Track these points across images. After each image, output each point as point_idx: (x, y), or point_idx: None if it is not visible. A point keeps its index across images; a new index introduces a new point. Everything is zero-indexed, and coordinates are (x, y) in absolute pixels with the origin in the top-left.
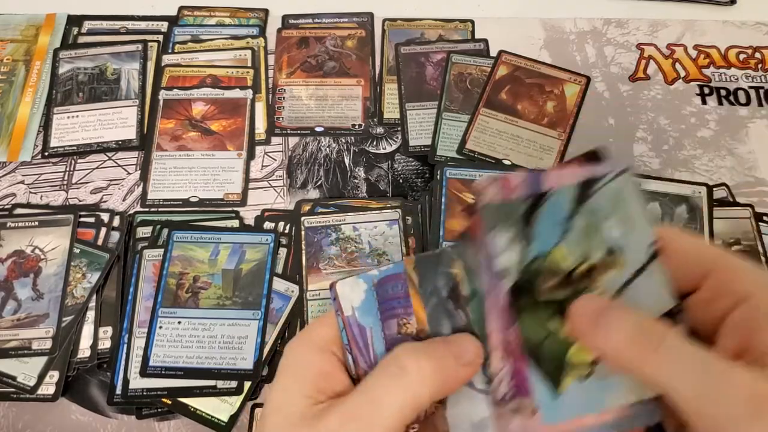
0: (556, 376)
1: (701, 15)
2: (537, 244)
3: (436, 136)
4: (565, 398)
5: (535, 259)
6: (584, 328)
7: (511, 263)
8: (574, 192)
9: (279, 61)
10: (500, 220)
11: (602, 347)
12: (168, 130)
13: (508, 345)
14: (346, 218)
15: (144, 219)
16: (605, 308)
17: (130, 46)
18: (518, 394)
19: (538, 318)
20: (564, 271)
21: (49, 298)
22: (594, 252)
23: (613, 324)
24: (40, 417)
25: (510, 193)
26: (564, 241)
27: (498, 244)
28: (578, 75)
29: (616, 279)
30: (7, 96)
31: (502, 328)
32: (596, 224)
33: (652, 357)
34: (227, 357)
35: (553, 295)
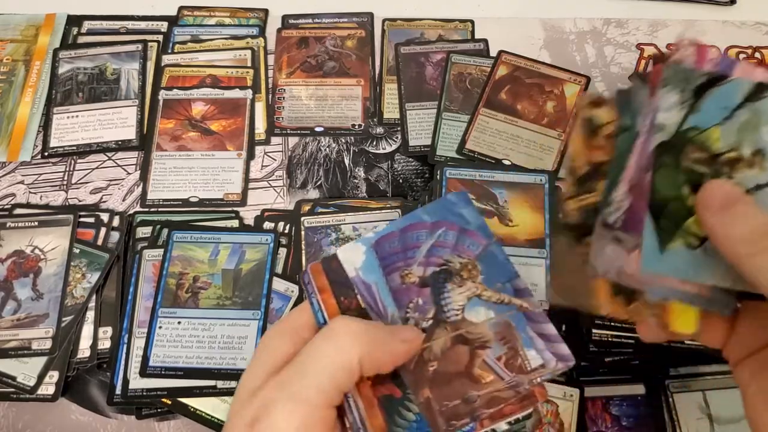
0: (668, 235)
1: (701, 15)
2: (699, 117)
3: (435, 136)
4: (667, 256)
5: (692, 128)
6: (712, 209)
7: (669, 122)
8: (750, 88)
9: (279, 61)
10: (676, 82)
11: (722, 232)
12: (168, 130)
13: (637, 184)
14: (345, 218)
15: (144, 219)
16: (738, 198)
17: (130, 46)
18: (626, 227)
19: (674, 179)
20: (713, 150)
21: (48, 298)
22: (744, 146)
23: (740, 215)
24: (40, 417)
25: (700, 63)
26: (723, 125)
27: (665, 101)
28: (578, 75)
29: (754, 178)
30: (7, 96)
31: (640, 167)
32: (756, 123)
33: (761, 255)
34: (227, 357)
35: (695, 166)
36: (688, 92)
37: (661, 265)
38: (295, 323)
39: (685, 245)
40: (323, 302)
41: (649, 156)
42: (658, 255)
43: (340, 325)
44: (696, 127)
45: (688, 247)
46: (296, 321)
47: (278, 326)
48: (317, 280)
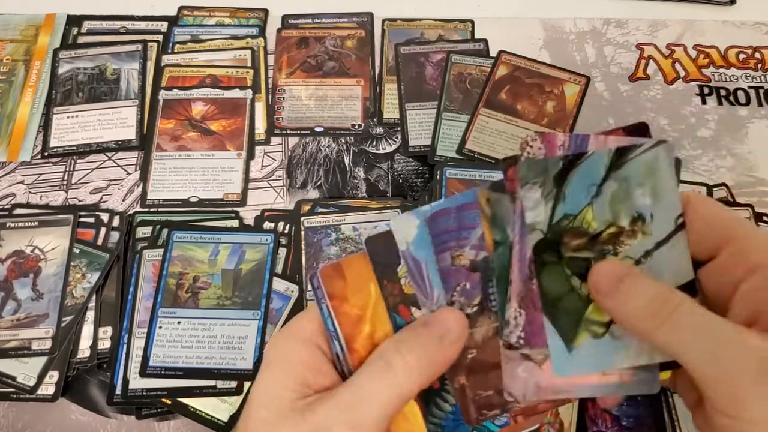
0: (571, 332)
1: (701, 15)
2: (567, 204)
3: (435, 136)
4: (577, 354)
5: (564, 217)
6: (604, 291)
7: (540, 219)
8: (610, 157)
9: (279, 61)
10: (535, 176)
11: (619, 311)
12: (168, 130)
13: (526, 295)
14: (345, 218)
15: (144, 219)
16: (626, 274)
17: (130, 46)
18: (530, 343)
19: (560, 274)
20: (591, 232)
21: (48, 298)
22: (621, 217)
23: (632, 290)
24: (40, 417)
25: (552, 150)
26: (594, 203)
27: (530, 199)
28: (578, 75)
29: (639, 246)
30: (7, 96)
31: (523, 278)
32: (627, 191)
33: (667, 324)
34: (227, 357)
35: (578, 254)
36: (549, 183)
37: (574, 365)
38: (306, 330)
39: (592, 336)
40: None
41: (529, 264)
42: (568, 356)
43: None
44: (567, 214)
45: (595, 337)
46: (307, 328)
47: (289, 333)
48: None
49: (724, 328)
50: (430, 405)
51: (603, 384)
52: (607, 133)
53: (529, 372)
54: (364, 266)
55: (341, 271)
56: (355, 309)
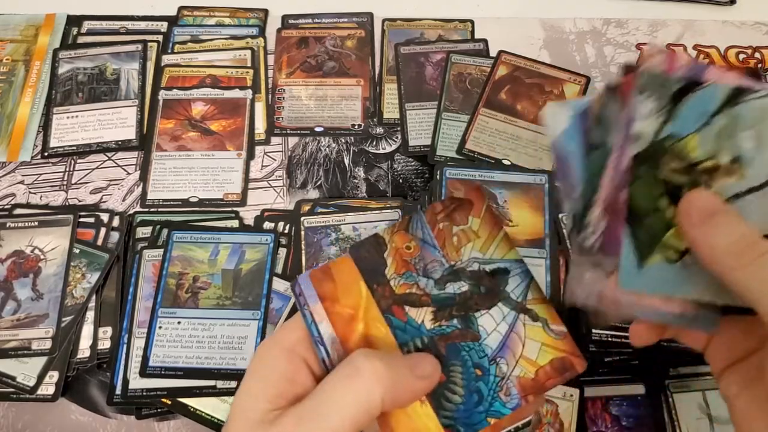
0: (647, 250)
1: (701, 15)
2: (676, 125)
3: (435, 136)
4: (646, 272)
5: (669, 137)
6: (693, 221)
7: (646, 131)
8: (728, 92)
9: (279, 61)
10: (652, 89)
11: (705, 243)
12: (168, 130)
13: (613, 203)
14: (345, 218)
15: (144, 219)
16: (719, 209)
17: (130, 46)
18: (604, 251)
19: (651, 191)
20: (690, 159)
21: (48, 299)
22: (723, 154)
23: (722, 227)
24: (40, 417)
25: (672, 69)
26: (700, 132)
27: (642, 109)
28: (578, 75)
29: (733, 186)
30: (7, 96)
31: (614, 185)
32: (734, 129)
33: (749, 267)
34: (227, 357)
35: (672, 177)
36: (665, 99)
37: (641, 281)
38: (289, 340)
39: (665, 260)
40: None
41: (624, 173)
42: (637, 271)
43: (364, 365)
44: (673, 135)
45: (668, 261)
46: (290, 338)
47: (271, 343)
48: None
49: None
50: (439, 400)
51: (664, 311)
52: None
53: (595, 280)
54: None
55: (330, 274)
56: (347, 309)
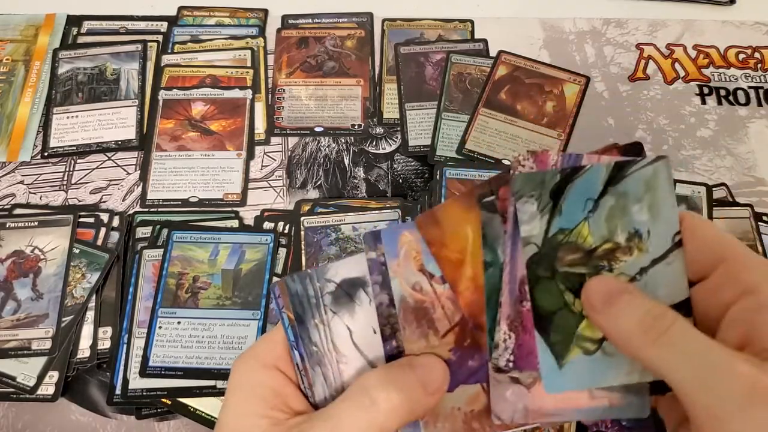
0: (563, 348)
1: (700, 15)
2: (563, 219)
3: (435, 136)
4: (567, 370)
5: (560, 231)
6: (597, 306)
7: (535, 233)
8: (607, 172)
9: (278, 61)
10: (530, 189)
11: (611, 327)
12: (167, 130)
13: (516, 317)
14: (345, 218)
15: (143, 219)
16: (620, 290)
17: (130, 46)
18: (519, 366)
19: (554, 289)
20: (586, 248)
21: (48, 298)
22: (618, 233)
23: (625, 307)
24: (40, 417)
25: (545, 166)
26: (590, 218)
27: (525, 212)
28: (578, 75)
29: (635, 263)
30: (7, 96)
31: (513, 300)
32: (624, 206)
33: (657, 343)
34: (227, 357)
35: (573, 269)
36: (546, 196)
37: (564, 381)
38: (270, 356)
39: (584, 353)
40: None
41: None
42: (558, 372)
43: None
44: (563, 228)
45: (587, 353)
46: (269, 351)
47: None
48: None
49: (714, 351)
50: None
51: (592, 407)
52: (601, 152)
53: (517, 395)
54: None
55: (436, 218)
56: (455, 253)
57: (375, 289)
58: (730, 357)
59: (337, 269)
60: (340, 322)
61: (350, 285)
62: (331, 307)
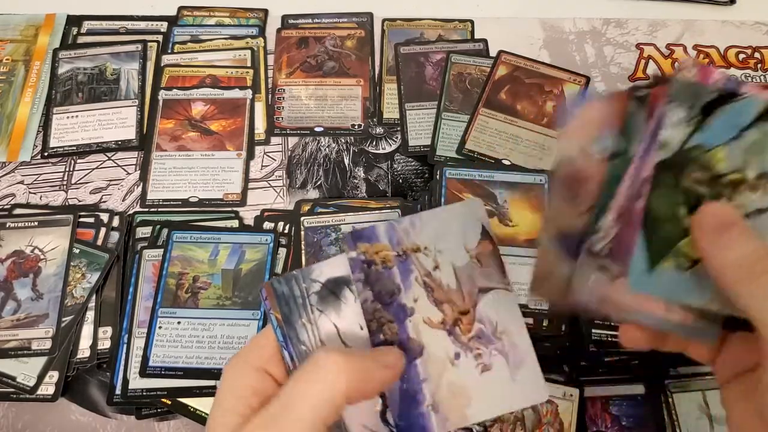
0: (659, 255)
1: (700, 15)
2: (704, 136)
3: (435, 136)
4: (656, 276)
5: (696, 147)
6: (707, 232)
7: (673, 140)
8: (764, 107)
9: (278, 61)
10: (684, 98)
11: (715, 256)
12: (167, 130)
13: (627, 211)
14: (345, 218)
15: (144, 219)
16: (734, 222)
17: (130, 46)
18: (612, 257)
19: (671, 198)
20: (715, 171)
21: (48, 298)
22: (749, 168)
23: (733, 240)
24: (40, 417)
25: (706, 81)
26: (729, 145)
27: (671, 117)
28: (578, 75)
29: (755, 202)
30: (7, 96)
31: (630, 195)
32: (765, 146)
33: (755, 283)
34: (227, 357)
35: (695, 187)
36: (697, 109)
37: (649, 284)
38: (260, 357)
39: (676, 266)
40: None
41: (641, 184)
42: (647, 274)
43: (324, 359)
44: (700, 145)
45: (679, 268)
46: (261, 354)
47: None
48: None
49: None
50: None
51: (665, 319)
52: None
53: (598, 283)
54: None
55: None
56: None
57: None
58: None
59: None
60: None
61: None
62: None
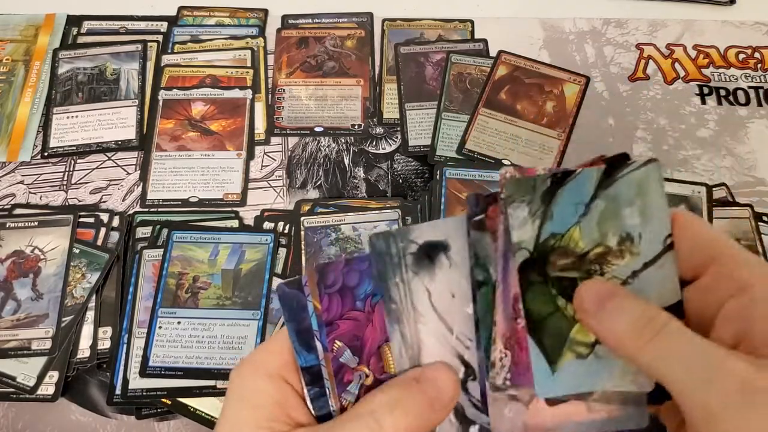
0: (556, 352)
1: (700, 15)
2: (554, 223)
3: (435, 136)
4: (560, 374)
5: (551, 236)
6: (589, 310)
7: (526, 237)
8: (599, 175)
9: (278, 61)
10: (521, 194)
11: (604, 331)
12: (167, 130)
13: (512, 335)
14: (345, 218)
15: (143, 219)
16: (612, 294)
17: (130, 46)
18: (516, 383)
19: (547, 293)
20: (578, 252)
21: (48, 298)
22: (609, 237)
23: (618, 310)
24: (40, 417)
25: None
26: (581, 222)
27: (516, 217)
28: (578, 75)
29: (627, 266)
30: (7, 96)
31: (507, 318)
32: (616, 210)
33: (651, 344)
34: (227, 357)
35: (565, 273)
36: (537, 201)
37: (557, 385)
38: (273, 364)
39: (576, 357)
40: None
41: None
42: (551, 377)
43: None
44: (554, 233)
45: (579, 357)
46: (273, 361)
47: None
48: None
49: (708, 350)
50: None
51: (591, 420)
52: (589, 164)
53: (515, 412)
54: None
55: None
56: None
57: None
58: (723, 355)
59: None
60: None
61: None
62: (412, 268)
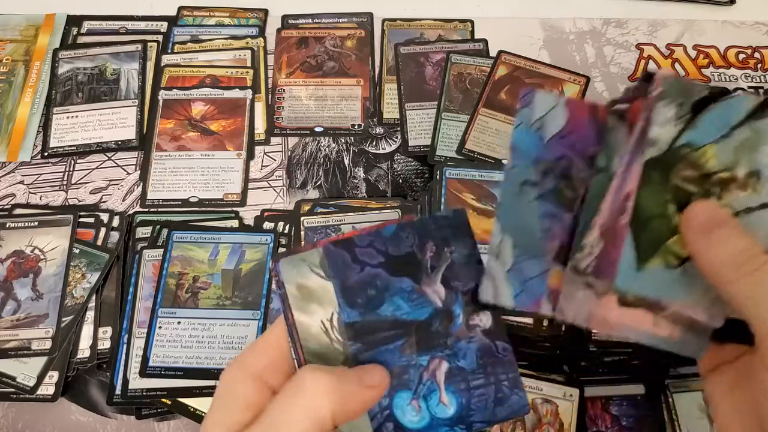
0: (648, 252)
1: (700, 15)
2: (694, 134)
3: (435, 136)
4: (644, 274)
5: (686, 145)
6: (696, 230)
7: (663, 138)
8: (754, 105)
9: (278, 61)
10: (676, 94)
11: (705, 254)
12: (167, 131)
13: (610, 228)
14: (345, 218)
15: (143, 219)
16: (723, 221)
17: (130, 46)
18: (597, 274)
19: (660, 196)
20: (705, 169)
21: (48, 299)
22: (739, 166)
23: (723, 239)
24: (40, 417)
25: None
26: (719, 143)
27: (662, 114)
28: (578, 75)
29: (745, 200)
30: (7, 96)
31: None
32: (755, 143)
33: (746, 279)
34: (227, 357)
35: (684, 185)
36: (687, 107)
37: (637, 282)
38: (256, 366)
39: (665, 265)
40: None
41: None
42: (635, 272)
43: (308, 381)
44: (690, 143)
45: (668, 266)
46: (257, 363)
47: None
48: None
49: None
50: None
51: (651, 333)
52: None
53: (585, 299)
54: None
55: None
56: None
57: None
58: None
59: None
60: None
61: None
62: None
